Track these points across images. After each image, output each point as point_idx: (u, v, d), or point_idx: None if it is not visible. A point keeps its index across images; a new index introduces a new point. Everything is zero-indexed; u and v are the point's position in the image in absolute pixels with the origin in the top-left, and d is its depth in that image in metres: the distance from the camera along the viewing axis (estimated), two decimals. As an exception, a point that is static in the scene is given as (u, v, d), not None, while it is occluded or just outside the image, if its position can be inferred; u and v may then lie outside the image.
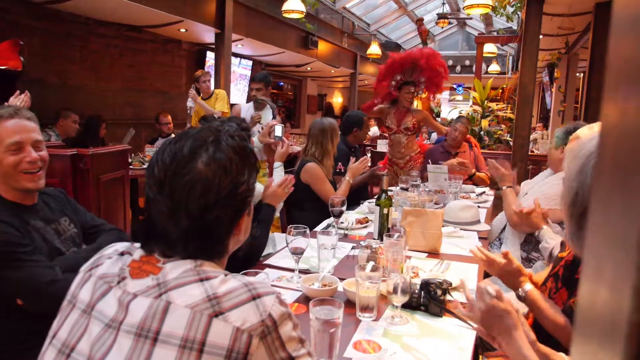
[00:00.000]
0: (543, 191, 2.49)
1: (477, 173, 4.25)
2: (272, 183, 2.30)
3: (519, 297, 1.52)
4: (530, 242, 2.47)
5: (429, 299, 1.55)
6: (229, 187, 0.87)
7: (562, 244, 1.85)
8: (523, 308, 1.91)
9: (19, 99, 2.75)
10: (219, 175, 0.86)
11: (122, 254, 0.92)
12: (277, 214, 2.86)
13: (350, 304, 1.56)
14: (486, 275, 2.47)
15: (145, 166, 4.75)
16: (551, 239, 2.06)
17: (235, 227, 0.93)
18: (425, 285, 1.57)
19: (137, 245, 0.93)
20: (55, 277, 1.47)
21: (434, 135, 8.35)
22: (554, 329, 1.36)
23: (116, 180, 3.41)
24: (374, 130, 9.87)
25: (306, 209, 2.77)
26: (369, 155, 4.79)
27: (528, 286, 1.49)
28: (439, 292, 1.55)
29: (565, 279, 1.46)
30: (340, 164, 3.60)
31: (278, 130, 3.05)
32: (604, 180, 0.30)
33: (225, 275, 0.85)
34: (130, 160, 4.39)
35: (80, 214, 1.83)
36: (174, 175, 0.86)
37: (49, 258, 1.55)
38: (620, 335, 0.25)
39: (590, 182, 0.97)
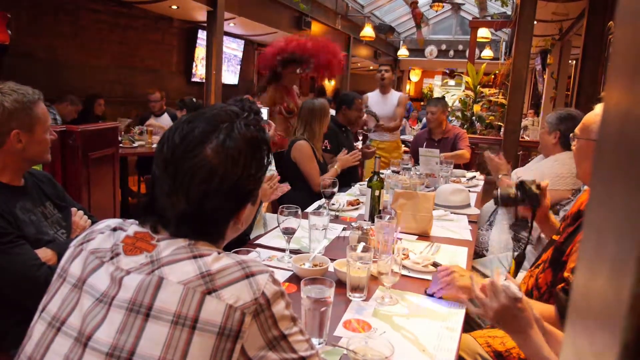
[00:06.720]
0: (541, 171, 2.50)
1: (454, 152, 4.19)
2: None
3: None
4: (519, 225, 2.51)
5: (525, 195, 1.75)
6: (234, 177, 0.85)
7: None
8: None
9: None
10: (225, 164, 0.84)
11: (114, 229, 0.91)
12: None
13: (340, 285, 1.57)
14: (476, 256, 2.50)
15: (135, 145, 4.71)
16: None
17: (234, 217, 0.91)
18: (521, 185, 1.76)
19: (130, 221, 0.92)
20: (37, 272, 1.46)
21: (424, 120, 8.35)
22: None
23: (106, 158, 3.37)
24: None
25: (297, 188, 2.77)
26: (361, 138, 4.77)
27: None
28: (534, 188, 1.73)
29: (553, 260, 1.47)
30: (327, 141, 3.58)
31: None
32: (607, 158, 0.30)
33: (219, 253, 0.84)
34: (120, 138, 4.34)
35: (67, 202, 1.82)
36: (181, 156, 0.84)
37: (36, 240, 1.55)
38: (621, 309, 0.25)
39: None
